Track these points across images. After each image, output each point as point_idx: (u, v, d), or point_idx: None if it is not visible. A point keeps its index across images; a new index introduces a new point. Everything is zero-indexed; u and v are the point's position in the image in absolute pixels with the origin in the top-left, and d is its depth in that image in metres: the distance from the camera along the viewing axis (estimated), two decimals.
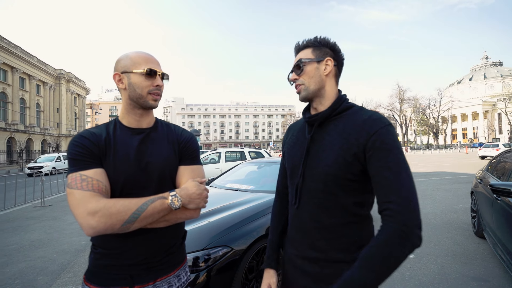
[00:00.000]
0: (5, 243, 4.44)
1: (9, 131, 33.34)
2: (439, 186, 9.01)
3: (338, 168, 0.86)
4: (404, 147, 49.86)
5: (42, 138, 40.66)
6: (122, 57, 0.99)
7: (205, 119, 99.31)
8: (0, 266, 3.56)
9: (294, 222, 1.00)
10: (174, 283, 1.01)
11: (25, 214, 6.53)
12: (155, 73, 0.97)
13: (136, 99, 0.97)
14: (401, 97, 61.10)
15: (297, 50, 1.01)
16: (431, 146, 55.85)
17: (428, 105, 61.61)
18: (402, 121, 62.72)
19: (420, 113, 61.89)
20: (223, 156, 10.53)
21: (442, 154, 34.40)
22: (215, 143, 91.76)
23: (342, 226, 0.89)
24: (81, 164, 0.89)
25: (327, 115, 0.93)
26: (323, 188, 0.89)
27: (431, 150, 47.08)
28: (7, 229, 5.25)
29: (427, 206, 6.16)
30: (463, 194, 7.22)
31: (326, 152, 0.90)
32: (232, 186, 3.67)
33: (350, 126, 0.88)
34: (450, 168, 15.08)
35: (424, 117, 63.12)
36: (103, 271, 0.93)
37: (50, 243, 4.40)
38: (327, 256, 0.90)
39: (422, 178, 11.10)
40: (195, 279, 1.92)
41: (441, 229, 4.49)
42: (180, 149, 1.05)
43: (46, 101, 42.54)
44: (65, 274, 3.26)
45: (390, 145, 0.81)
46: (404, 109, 63.05)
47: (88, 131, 0.97)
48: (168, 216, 0.93)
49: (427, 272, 3.00)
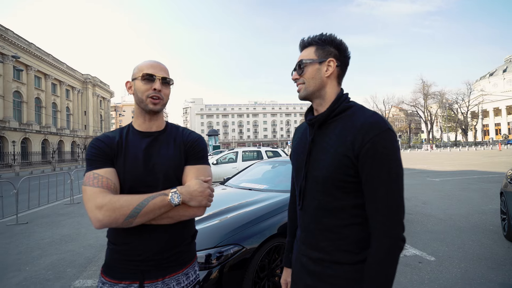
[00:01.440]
0: (40, 237, 4.81)
1: (43, 134, 35.81)
2: (466, 185, 8.52)
3: (335, 171, 0.87)
4: (429, 144, 47.44)
5: (72, 140, 43.25)
6: (135, 66, 1.07)
7: (223, 119, 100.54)
8: (36, 257, 3.87)
9: (299, 223, 1.03)
10: (182, 281, 1.05)
11: (57, 211, 7.01)
12: (152, 77, 1.02)
13: (139, 103, 1.05)
14: (426, 92, 58.16)
15: (301, 47, 1.00)
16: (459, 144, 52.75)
17: (456, 100, 58.18)
18: (426, 117, 59.74)
19: (447, 108, 58.55)
20: (240, 155, 10.64)
21: (471, 152, 32.37)
22: (233, 143, 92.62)
23: (344, 228, 0.89)
24: (95, 164, 0.98)
25: (326, 116, 0.93)
26: (323, 190, 0.90)
27: (459, 147, 44.45)
28: (41, 224, 5.67)
29: (451, 207, 5.86)
30: (493, 195, 6.77)
31: (325, 154, 0.90)
32: (246, 185, 3.72)
33: (348, 128, 0.87)
34: (480, 167, 14.17)
35: (452, 112, 59.68)
36: (116, 265, 1.00)
37: (78, 238, 4.71)
38: (330, 257, 0.90)
39: (447, 178, 10.55)
40: (207, 275, 1.99)
41: (466, 231, 4.26)
42: (186, 149, 1.09)
43: (75, 105, 45.20)
44: (90, 267, 3.48)
45: (384, 153, 0.81)
46: (429, 104, 59.94)
47: (104, 135, 1.07)
48: (171, 213, 0.97)
49: (448, 276, 2.87)
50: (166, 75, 1.06)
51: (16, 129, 30.98)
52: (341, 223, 0.89)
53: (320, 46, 0.95)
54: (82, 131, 46.08)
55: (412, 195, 7.32)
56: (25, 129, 32.53)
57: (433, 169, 14.34)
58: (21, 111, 33.38)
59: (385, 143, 0.82)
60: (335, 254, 0.90)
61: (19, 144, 31.34)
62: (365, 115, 0.87)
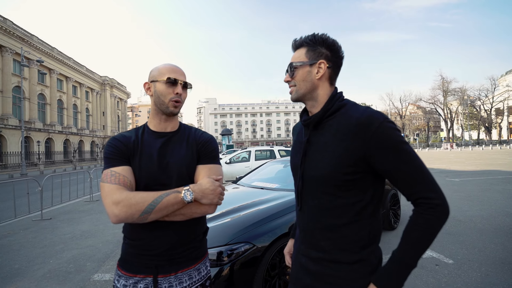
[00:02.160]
0: (62, 232, 5.06)
1: (65, 134, 37.48)
2: (489, 186, 8.13)
3: (333, 170, 0.86)
4: (449, 143, 45.55)
5: (91, 140, 44.95)
6: (153, 69, 1.12)
7: (237, 118, 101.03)
8: (59, 251, 4.08)
9: (298, 222, 1.03)
10: (194, 276, 1.09)
11: (78, 207, 7.33)
12: (176, 82, 1.07)
13: (159, 105, 1.09)
14: (445, 89, 55.81)
15: (294, 48, 0.99)
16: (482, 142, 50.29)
17: (479, 96, 55.43)
18: (446, 115, 57.37)
19: (469, 105, 55.91)
20: (253, 154, 10.68)
21: (495, 151, 30.78)
22: (246, 142, 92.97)
23: (343, 226, 0.89)
24: (112, 162, 1.03)
25: (320, 117, 0.93)
26: (321, 190, 0.91)
27: (482, 146, 42.39)
28: (64, 220, 5.96)
29: (472, 208, 5.62)
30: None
31: (321, 154, 0.90)
32: (258, 184, 3.74)
33: (344, 126, 0.87)
34: (505, 167, 13.45)
35: (474, 110, 56.94)
36: (132, 260, 1.05)
37: (97, 234, 4.91)
38: (329, 256, 0.90)
39: (469, 178, 10.10)
40: (219, 272, 2.03)
41: (488, 234, 4.08)
42: (198, 149, 1.13)
43: (93, 106, 46.94)
44: (108, 262, 3.62)
45: (393, 141, 0.82)
46: (449, 102, 57.50)
47: (120, 134, 1.12)
48: (184, 210, 1.00)
49: (467, 280, 2.77)
50: (186, 80, 1.12)
51: (41, 129, 32.59)
52: (340, 221, 0.89)
53: (311, 47, 0.94)
54: (100, 131, 47.79)
55: None
56: (49, 129, 34.16)
57: (453, 168, 13.77)
58: (45, 112, 35.06)
59: (388, 131, 0.82)
60: (335, 253, 0.89)
61: (43, 144, 32.95)
62: (359, 111, 0.87)
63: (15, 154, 26.33)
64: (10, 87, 28.68)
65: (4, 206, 6.30)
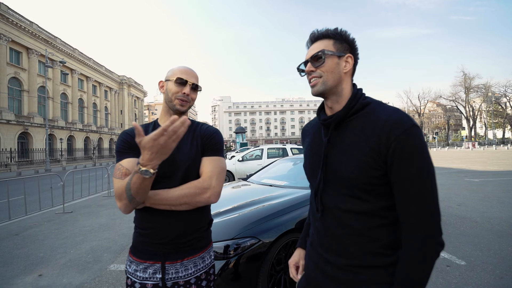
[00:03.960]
0: (82, 225, 5.35)
1: (85, 132, 39.08)
2: (511, 187, 7.76)
3: (360, 173, 0.80)
4: (471, 142, 43.54)
5: (110, 137, 46.60)
6: (169, 69, 1.21)
7: (251, 117, 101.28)
8: (79, 242, 4.33)
9: (318, 228, 0.95)
10: (199, 263, 1.17)
11: (96, 202, 7.69)
12: (185, 82, 1.15)
13: (168, 102, 1.18)
14: (467, 86, 53.23)
15: (315, 39, 0.91)
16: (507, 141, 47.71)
17: (504, 93, 52.47)
18: (468, 113, 54.72)
19: (493, 102, 53.10)
20: (265, 152, 10.73)
21: None
22: (260, 140, 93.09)
23: (374, 230, 0.83)
24: (120, 155, 1.12)
25: (343, 115, 0.87)
26: (348, 193, 0.84)
27: (508, 145, 40.21)
28: (84, 214, 6.29)
29: (491, 209, 5.41)
30: None
31: (346, 157, 0.84)
32: (267, 181, 3.80)
33: (370, 127, 0.82)
34: None
35: (499, 107, 54.05)
36: (141, 247, 1.14)
37: (113, 227, 5.15)
38: (362, 262, 0.84)
39: (489, 178, 9.67)
40: (225, 265, 2.11)
41: (506, 236, 3.93)
42: (203, 142, 1.19)
43: (112, 105, 48.58)
44: (123, 253, 3.81)
45: (412, 152, 0.76)
46: (471, 99, 54.81)
47: (130, 128, 1.21)
48: (186, 199, 1.07)
49: (479, 282, 2.70)
50: (196, 82, 1.19)
51: (63, 127, 34.16)
52: (370, 225, 0.83)
53: (338, 40, 0.89)
54: (118, 129, 49.42)
55: (446, 196, 6.86)
56: (70, 127, 35.74)
57: (473, 168, 13.21)
58: (67, 111, 36.70)
59: (412, 140, 0.76)
60: (366, 258, 0.83)
61: (65, 141, 34.53)
62: (387, 112, 0.81)
63: (40, 150, 27.79)
64: (35, 87, 30.23)
65: (31, 200, 6.72)
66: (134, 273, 1.13)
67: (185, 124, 0.84)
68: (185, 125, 0.84)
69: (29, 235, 4.74)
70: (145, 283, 1.11)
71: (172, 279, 1.12)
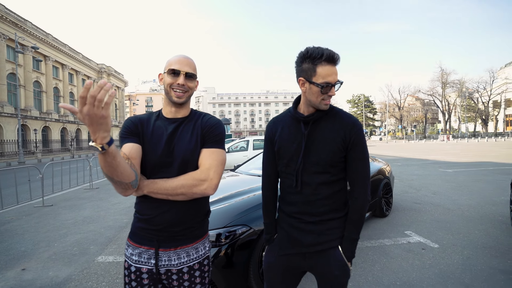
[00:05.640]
0: (64, 218, 5.20)
1: (62, 122, 37.25)
2: (480, 177, 8.36)
3: (332, 155, 1.19)
4: (446, 135, 45.90)
5: None
6: (167, 60, 1.19)
7: (235, 108, 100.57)
8: (63, 235, 4.24)
9: (294, 199, 1.26)
10: (192, 254, 1.17)
11: (78, 195, 7.46)
12: (178, 73, 1.14)
13: (166, 94, 1.19)
14: (444, 81, 55.54)
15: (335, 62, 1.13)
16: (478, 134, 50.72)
17: (477, 89, 55.34)
18: (444, 107, 57.32)
19: (467, 97, 55.94)
20: (251, 144, 10.79)
21: (491, 143, 31.14)
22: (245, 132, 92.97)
23: (336, 194, 1.24)
24: (121, 141, 1.15)
25: (321, 115, 1.21)
26: (322, 170, 1.20)
27: (478, 138, 42.81)
28: (65, 207, 6.10)
29: (461, 197, 5.83)
30: (507, 186, 6.62)
31: (323, 144, 1.19)
32: (255, 172, 3.87)
33: (339, 126, 1.19)
34: (497, 158, 13.73)
35: (471, 102, 57.04)
36: (139, 232, 1.17)
37: (98, 219, 5.06)
38: (327, 217, 1.23)
39: (461, 169, 10.33)
40: (217, 252, 2.17)
41: (474, 221, 4.28)
42: (203, 134, 1.19)
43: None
44: (111, 245, 3.78)
45: (362, 142, 1.20)
46: (447, 93, 57.33)
47: (135, 116, 1.24)
48: (183, 189, 1.09)
49: (449, 262, 2.96)
50: (191, 70, 1.16)
51: (37, 117, 32.35)
52: (334, 191, 1.23)
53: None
54: None
55: (422, 185, 7.29)
56: (45, 118, 33.90)
57: (447, 160, 14.02)
58: (41, 100, 34.69)
59: (362, 134, 1.19)
60: (330, 213, 1.23)
61: (40, 132, 32.79)
62: (346, 116, 1.23)
63: (12, 142, 26.21)
64: (4, 74, 28.21)
65: (6, 193, 6.40)
66: (130, 257, 1.17)
67: (104, 86, 0.75)
68: (106, 88, 0.75)
69: (6, 230, 4.56)
70: (140, 267, 1.15)
71: (165, 266, 1.15)
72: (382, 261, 3.03)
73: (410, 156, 17.25)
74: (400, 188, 6.98)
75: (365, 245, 3.48)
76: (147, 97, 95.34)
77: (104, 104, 0.78)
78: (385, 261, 3.04)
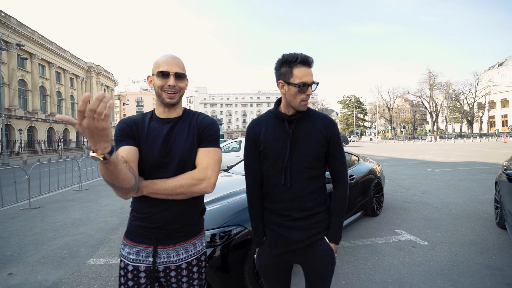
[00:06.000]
0: (52, 220, 5.07)
1: (48, 122, 36.20)
2: (466, 176, 8.62)
3: (316, 150, 1.28)
4: (433, 136, 47.08)
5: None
6: (155, 61, 1.18)
7: (227, 108, 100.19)
8: (51, 238, 4.13)
9: (282, 196, 1.30)
10: (190, 250, 1.20)
11: (66, 196, 7.29)
12: (166, 74, 1.13)
13: (158, 96, 1.19)
14: (432, 83, 56.98)
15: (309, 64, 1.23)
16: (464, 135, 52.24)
17: (463, 91, 57.05)
18: (432, 108, 58.78)
19: (453, 99, 57.55)
20: (243, 144, 10.78)
21: (476, 143, 32.15)
22: (237, 132, 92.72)
23: (320, 188, 1.33)
24: (117, 143, 1.12)
25: (303, 115, 1.31)
26: (308, 165, 1.29)
27: (464, 139, 44.10)
28: (53, 209, 5.95)
29: (450, 196, 6.00)
30: (491, 185, 6.85)
31: (306, 141, 1.28)
32: None
33: (319, 123, 1.31)
34: (482, 158, 14.18)
35: (458, 103, 58.69)
36: (136, 231, 1.17)
37: (88, 221, 4.95)
38: (314, 211, 1.31)
39: (449, 168, 10.62)
40: (212, 253, 2.17)
41: (461, 219, 4.41)
42: (199, 133, 1.20)
43: (79, 93, 45.34)
44: (102, 247, 3.71)
45: (338, 138, 1.33)
46: (435, 95, 58.86)
47: (128, 117, 1.21)
48: (182, 189, 1.11)
49: (438, 259, 3.04)
50: (180, 70, 1.15)
51: (22, 117, 31.38)
52: (319, 185, 1.32)
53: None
54: None
55: (412, 185, 7.45)
56: (31, 117, 32.92)
57: (435, 160, 14.39)
58: (26, 99, 33.66)
59: (337, 132, 1.34)
60: (316, 208, 1.31)
61: (26, 132, 31.81)
62: (324, 115, 1.36)
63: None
64: None
65: None
66: (127, 256, 1.16)
67: (103, 99, 0.73)
68: (105, 100, 0.74)
69: None
70: (137, 265, 1.15)
71: (164, 263, 1.16)
72: (374, 259, 3.09)
73: (400, 156, 17.61)
74: (391, 187, 7.12)
75: (357, 244, 3.54)
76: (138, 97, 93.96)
77: (104, 116, 0.75)
78: (376, 259, 3.10)
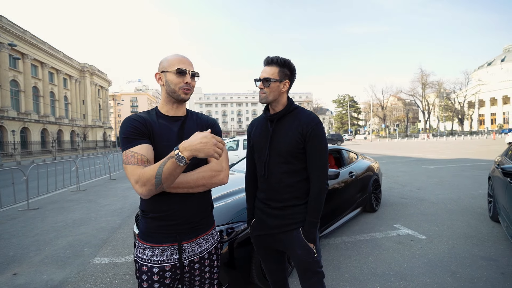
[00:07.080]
0: (53, 221, 5.05)
1: (42, 123, 35.66)
2: (459, 172, 8.82)
3: (292, 146, 1.39)
4: (426, 134, 47.79)
5: (71, 129, 43.14)
6: (163, 59, 1.22)
7: (222, 108, 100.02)
8: (53, 238, 4.13)
9: (264, 186, 1.50)
10: (209, 240, 1.27)
11: (65, 197, 7.24)
12: (185, 72, 1.19)
13: (171, 93, 1.21)
14: (424, 82, 57.83)
15: (266, 63, 1.40)
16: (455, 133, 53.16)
17: (454, 90, 58.04)
18: (424, 107, 59.62)
19: (445, 98, 58.49)
20: (241, 143, 10.80)
21: (466, 141, 32.76)
22: (232, 132, 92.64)
23: (298, 183, 1.43)
24: (131, 142, 1.10)
25: (282, 115, 1.44)
26: (284, 160, 1.41)
27: (455, 136, 44.87)
28: (52, 210, 5.92)
29: (443, 192, 6.15)
30: (483, 181, 7.06)
31: (283, 137, 1.41)
32: None
33: (298, 121, 1.41)
34: (473, 155, 14.50)
35: (449, 102, 59.66)
36: (156, 232, 1.17)
37: (89, 221, 4.95)
38: (290, 203, 1.43)
39: (441, 165, 10.84)
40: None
41: (456, 213, 4.55)
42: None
43: (72, 94, 44.77)
44: (105, 247, 3.73)
45: (319, 136, 1.39)
46: (427, 94, 59.72)
47: (136, 115, 1.21)
48: (205, 181, 1.16)
49: (437, 252, 3.15)
50: (193, 69, 1.23)
51: (15, 118, 30.86)
52: (296, 180, 1.42)
53: (281, 68, 1.39)
54: (81, 120, 45.88)
55: (407, 181, 7.61)
56: (24, 118, 32.40)
57: (428, 157, 14.64)
58: (19, 100, 33.08)
59: (319, 129, 1.39)
60: (293, 200, 1.43)
61: (19, 133, 31.29)
62: (306, 113, 1.43)
63: None
64: None
65: None
66: (151, 259, 1.15)
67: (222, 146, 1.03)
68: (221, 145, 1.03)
69: None
70: (163, 265, 1.16)
71: (189, 258, 1.20)
72: (375, 253, 3.19)
73: (394, 154, 17.86)
74: (387, 184, 7.26)
75: (358, 239, 3.63)
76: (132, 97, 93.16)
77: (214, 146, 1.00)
78: (377, 253, 3.20)
